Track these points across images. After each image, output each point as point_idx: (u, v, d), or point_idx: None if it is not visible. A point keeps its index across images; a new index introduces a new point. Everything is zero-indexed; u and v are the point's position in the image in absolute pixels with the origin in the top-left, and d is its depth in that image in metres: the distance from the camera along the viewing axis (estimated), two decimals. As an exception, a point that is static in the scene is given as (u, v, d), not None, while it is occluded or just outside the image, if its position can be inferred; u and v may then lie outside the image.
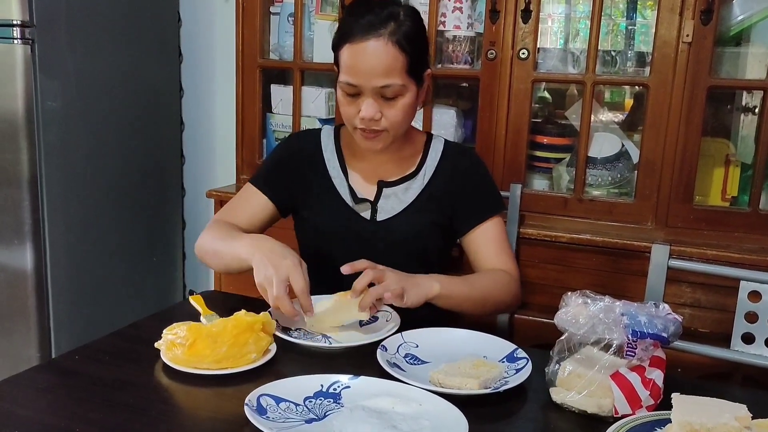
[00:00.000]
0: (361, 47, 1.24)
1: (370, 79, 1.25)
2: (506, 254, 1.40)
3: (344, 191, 1.41)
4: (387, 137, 1.32)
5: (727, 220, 1.73)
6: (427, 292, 1.23)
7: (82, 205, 2.07)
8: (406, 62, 1.25)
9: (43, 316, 1.98)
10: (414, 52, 1.27)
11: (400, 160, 1.42)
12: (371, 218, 1.39)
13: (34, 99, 1.88)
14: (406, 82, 1.27)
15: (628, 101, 2.06)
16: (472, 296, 1.31)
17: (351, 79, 1.26)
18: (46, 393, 0.99)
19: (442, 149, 1.43)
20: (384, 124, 1.29)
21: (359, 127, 1.30)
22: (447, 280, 1.28)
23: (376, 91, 1.26)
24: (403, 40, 1.25)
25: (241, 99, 2.15)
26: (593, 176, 1.88)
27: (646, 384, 0.96)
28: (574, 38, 1.92)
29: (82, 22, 2.00)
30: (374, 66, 1.24)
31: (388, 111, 1.28)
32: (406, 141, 1.41)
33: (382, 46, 1.23)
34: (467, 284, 1.31)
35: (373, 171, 1.42)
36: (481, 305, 1.33)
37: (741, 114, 1.90)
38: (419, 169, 1.41)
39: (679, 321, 0.99)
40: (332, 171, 1.43)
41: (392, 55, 1.24)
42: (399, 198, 1.40)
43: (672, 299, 1.66)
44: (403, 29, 1.25)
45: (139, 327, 1.24)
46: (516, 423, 0.98)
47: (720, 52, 1.77)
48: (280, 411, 0.91)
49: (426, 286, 1.23)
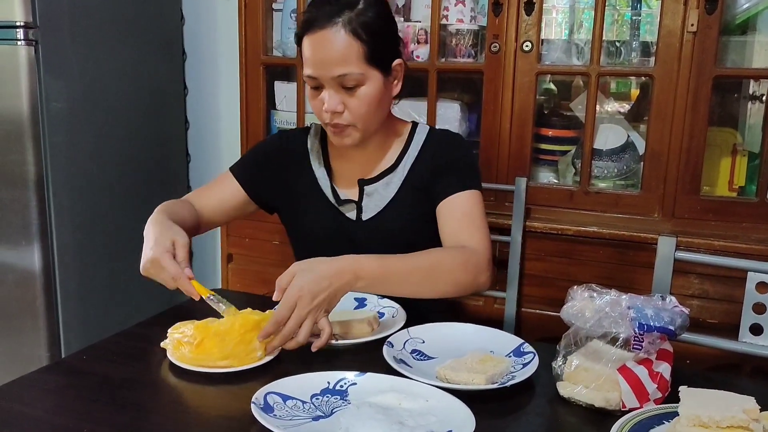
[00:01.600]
0: (318, 37, 1.23)
1: (328, 68, 1.23)
2: (475, 228, 1.28)
3: (329, 192, 1.40)
4: (355, 131, 1.29)
5: (735, 210, 1.72)
6: (349, 289, 1.12)
7: (88, 205, 2.08)
8: (363, 50, 1.23)
9: (51, 316, 1.99)
10: (373, 40, 1.24)
11: (382, 155, 1.39)
12: (357, 218, 1.38)
13: (39, 100, 1.89)
14: (364, 70, 1.24)
15: (633, 92, 2.04)
16: (414, 275, 1.19)
17: (311, 71, 1.25)
18: (54, 393, 1.00)
19: (424, 138, 1.40)
20: (348, 117, 1.27)
21: (329, 123, 1.29)
22: (374, 261, 1.15)
23: (335, 81, 1.24)
24: (360, 28, 1.22)
25: (245, 96, 2.15)
26: (599, 168, 1.87)
27: (653, 377, 0.96)
28: (578, 29, 1.91)
29: (86, 22, 2.00)
30: (330, 55, 1.22)
31: (351, 102, 1.26)
32: (389, 135, 1.39)
33: (336, 33, 1.22)
34: (407, 261, 1.19)
35: (355, 169, 1.40)
36: (427, 284, 1.20)
37: (748, 103, 1.89)
38: (399, 161, 1.39)
39: (686, 313, 0.98)
40: (317, 172, 1.41)
41: (347, 43, 1.22)
42: (381, 194, 1.38)
43: (679, 291, 1.66)
44: (360, 18, 1.23)
45: (146, 326, 1.25)
46: (523, 418, 0.98)
47: (725, 41, 1.75)
48: (287, 409, 0.92)
49: (344, 285, 1.11)
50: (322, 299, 1.07)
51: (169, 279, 1.15)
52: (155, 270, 1.16)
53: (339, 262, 1.12)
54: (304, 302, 1.06)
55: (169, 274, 1.14)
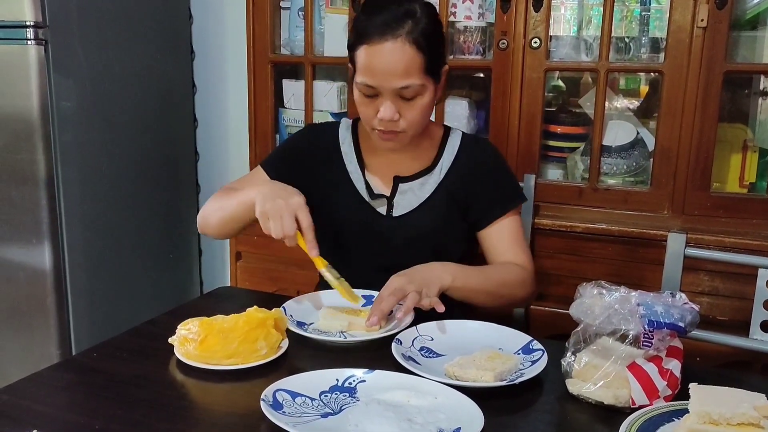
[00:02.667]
0: (379, 49, 1.22)
1: (389, 80, 1.23)
2: (521, 248, 1.39)
3: (361, 186, 1.40)
4: (405, 137, 1.31)
5: (745, 206, 1.71)
6: (440, 285, 1.22)
7: (98, 203, 2.09)
8: (424, 61, 1.23)
9: (62, 314, 2.00)
10: (431, 50, 1.24)
11: (417, 155, 1.41)
12: (387, 214, 1.39)
13: (49, 99, 1.90)
14: (425, 81, 1.25)
15: (643, 88, 2.03)
16: (486, 287, 1.30)
17: (369, 81, 1.24)
18: (65, 390, 1.01)
19: (459, 143, 1.42)
20: (402, 125, 1.27)
21: (377, 128, 1.29)
22: (460, 270, 1.27)
23: (395, 92, 1.24)
24: (421, 38, 1.22)
25: (253, 94, 2.15)
26: (608, 165, 1.86)
27: (663, 374, 0.95)
28: (587, 25, 1.90)
29: (95, 22, 2.01)
30: (393, 68, 1.22)
31: (407, 112, 1.26)
32: (423, 136, 1.40)
33: (399, 47, 1.21)
34: (481, 275, 1.31)
35: (389, 166, 1.41)
36: (494, 297, 1.33)
37: (759, 98, 1.87)
38: (435, 163, 1.40)
39: (696, 310, 0.98)
40: (349, 165, 1.42)
41: (410, 55, 1.22)
42: (415, 193, 1.39)
43: (690, 288, 1.65)
44: (420, 27, 1.22)
45: (156, 323, 1.25)
46: (532, 415, 0.97)
47: (736, 36, 1.74)
48: (296, 406, 0.92)
49: (437, 278, 1.23)
50: (419, 283, 1.18)
51: (291, 226, 1.15)
52: (288, 214, 1.16)
53: (431, 264, 1.26)
54: (401, 282, 1.17)
55: (305, 223, 1.16)
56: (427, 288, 1.19)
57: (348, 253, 1.36)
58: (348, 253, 1.36)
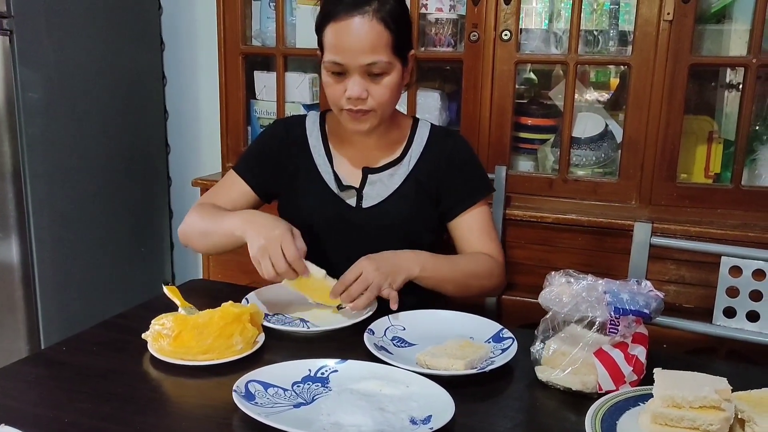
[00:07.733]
0: (346, 24, 1.23)
1: (357, 56, 1.24)
2: (490, 239, 1.41)
3: (329, 178, 1.41)
4: (374, 117, 1.31)
5: (710, 196, 1.75)
6: (407, 274, 1.24)
7: (67, 197, 2.05)
8: (391, 39, 1.25)
9: (30, 309, 1.97)
10: (398, 29, 1.26)
11: (385, 145, 1.42)
12: (357, 205, 1.39)
13: (15, 91, 1.86)
14: (391, 59, 1.26)
15: (613, 81, 2.06)
16: (454, 277, 1.32)
17: (337, 58, 1.25)
18: (35, 384, 1.00)
19: (428, 134, 1.43)
20: (371, 104, 1.28)
21: (346, 108, 1.29)
22: (431, 259, 1.29)
23: (363, 68, 1.25)
24: (388, 17, 1.24)
25: (224, 86, 2.14)
26: (577, 156, 1.88)
27: (629, 360, 0.97)
28: (557, 18, 1.92)
29: (61, 12, 1.97)
30: (360, 43, 1.23)
31: (375, 89, 1.27)
32: (391, 126, 1.41)
33: (367, 22, 1.23)
34: (451, 264, 1.33)
35: (358, 157, 1.41)
36: (462, 287, 1.35)
37: (725, 91, 1.91)
38: (404, 154, 1.41)
39: (660, 297, 1.00)
40: (317, 158, 1.42)
41: (378, 31, 1.23)
42: (384, 184, 1.40)
43: (657, 276, 1.68)
44: (387, 6, 1.25)
45: (126, 317, 1.24)
46: (502, 402, 0.99)
47: (701, 29, 1.77)
48: (269, 396, 0.92)
49: (405, 267, 1.25)
50: (385, 271, 1.21)
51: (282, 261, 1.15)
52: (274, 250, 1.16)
53: (402, 252, 1.28)
54: (368, 269, 1.19)
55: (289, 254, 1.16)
56: (393, 277, 1.22)
57: (320, 245, 1.37)
58: (320, 245, 1.37)
